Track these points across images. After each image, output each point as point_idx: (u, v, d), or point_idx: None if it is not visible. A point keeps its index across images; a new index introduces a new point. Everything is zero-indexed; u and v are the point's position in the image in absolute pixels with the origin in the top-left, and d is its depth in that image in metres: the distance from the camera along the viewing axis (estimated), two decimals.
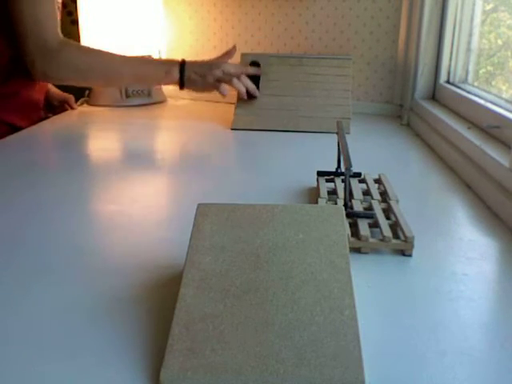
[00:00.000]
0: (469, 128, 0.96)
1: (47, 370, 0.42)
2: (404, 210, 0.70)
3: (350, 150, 0.70)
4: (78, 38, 1.50)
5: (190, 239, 0.50)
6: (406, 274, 0.58)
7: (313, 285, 0.45)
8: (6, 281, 0.55)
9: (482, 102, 0.99)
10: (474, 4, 1.17)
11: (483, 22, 1.18)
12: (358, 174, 0.79)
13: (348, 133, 1.17)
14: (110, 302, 0.51)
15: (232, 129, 1.22)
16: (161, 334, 0.46)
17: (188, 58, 1.17)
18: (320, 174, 0.80)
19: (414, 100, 1.27)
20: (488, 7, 1.19)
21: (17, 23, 1.08)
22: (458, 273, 0.57)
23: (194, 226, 0.51)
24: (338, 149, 0.79)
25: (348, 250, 0.49)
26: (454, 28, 1.20)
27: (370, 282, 0.55)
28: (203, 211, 0.53)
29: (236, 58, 1.46)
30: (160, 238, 0.66)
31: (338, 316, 0.42)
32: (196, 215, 0.53)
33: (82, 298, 0.52)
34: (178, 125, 1.31)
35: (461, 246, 0.64)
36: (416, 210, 0.76)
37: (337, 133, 0.80)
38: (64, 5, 1.95)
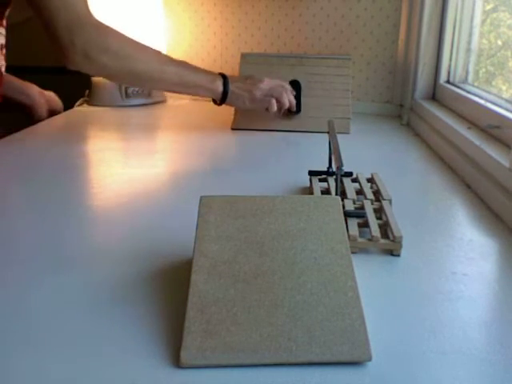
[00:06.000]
0: (469, 128, 0.96)
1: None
2: (403, 210, 0.70)
3: (351, 150, 0.70)
4: None
5: (196, 229, 0.52)
6: (406, 274, 0.58)
7: (316, 269, 0.48)
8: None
9: (482, 102, 0.99)
10: (474, 4, 1.17)
11: (483, 22, 1.18)
12: (349, 174, 0.79)
13: (348, 133, 1.18)
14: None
15: (232, 129, 1.22)
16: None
17: (186, 57, 1.16)
18: (311, 173, 0.80)
19: (413, 100, 1.27)
20: (488, 7, 1.19)
21: (41, 5, 0.95)
22: (457, 273, 0.57)
23: (198, 216, 0.53)
24: (329, 148, 0.79)
25: (347, 236, 0.51)
26: (454, 28, 1.20)
27: (368, 282, 0.55)
28: (206, 203, 0.55)
29: (236, 58, 1.46)
30: (160, 237, 0.66)
31: (343, 297, 0.45)
32: (200, 207, 0.54)
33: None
34: (178, 125, 1.31)
35: (461, 245, 0.64)
36: (416, 209, 0.76)
37: (328, 132, 0.80)
38: None
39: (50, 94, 1.38)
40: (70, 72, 1.06)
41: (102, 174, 0.92)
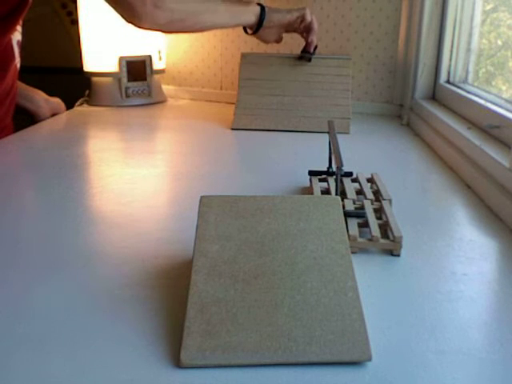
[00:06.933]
0: (469, 128, 0.96)
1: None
2: (403, 210, 0.70)
3: (351, 150, 0.70)
4: (78, 38, 1.50)
5: (197, 229, 0.52)
6: (407, 274, 0.58)
7: (316, 269, 0.48)
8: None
9: (482, 102, 0.99)
10: (474, 4, 1.17)
11: (483, 21, 1.18)
12: (349, 174, 0.79)
13: (348, 133, 1.18)
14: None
15: (232, 129, 1.22)
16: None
17: (186, 57, 1.16)
18: (311, 173, 0.80)
19: (414, 100, 1.27)
20: (488, 7, 1.19)
21: None
22: (457, 273, 0.57)
23: (198, 216, 0.53)
24: (329, 148, 0.79)
25: (347, 236, 0.51)
26: (454, 28, 1.20)
27: (368, 282, 0.55)
28: (206, 203, 0.55)
29: (236, 58, 1.46)
30: (160, 238, 0.66)
31: (342, 297, 0.46)
32: (200, 206, 0.54)
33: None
34: (178, 125, 1.31)
35: (461, 245, 0.64)
36: (416, 209, 0.76)
37: (328, 132, 0.80)
38: (64, 5, 1.96)
39: (56, 101, 1.38)
40: (70, 72, 1.05)
41: (102, 174, 0.92)
